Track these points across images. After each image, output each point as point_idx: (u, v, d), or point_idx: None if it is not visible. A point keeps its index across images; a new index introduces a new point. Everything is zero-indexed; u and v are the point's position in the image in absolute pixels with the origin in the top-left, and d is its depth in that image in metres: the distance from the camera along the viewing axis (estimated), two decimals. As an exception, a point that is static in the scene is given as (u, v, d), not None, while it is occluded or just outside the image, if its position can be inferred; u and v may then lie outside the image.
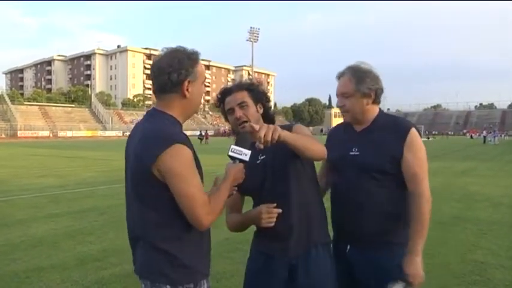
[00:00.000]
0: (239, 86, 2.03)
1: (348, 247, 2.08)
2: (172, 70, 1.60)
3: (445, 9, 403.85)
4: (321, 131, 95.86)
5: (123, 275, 4.12)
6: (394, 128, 1.99)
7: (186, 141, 1.56)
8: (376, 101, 2.05)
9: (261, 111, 2.04)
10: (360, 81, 1.98)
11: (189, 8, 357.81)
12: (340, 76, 2.06)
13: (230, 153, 1.73)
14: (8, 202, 8.27)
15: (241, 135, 1.81)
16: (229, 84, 2.12)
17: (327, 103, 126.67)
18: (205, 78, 2.01)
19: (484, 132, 50.78)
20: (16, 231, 5.83)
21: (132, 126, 2.16)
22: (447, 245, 5.25)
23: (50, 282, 3.95)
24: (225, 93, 2.04)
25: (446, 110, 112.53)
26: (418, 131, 2.02)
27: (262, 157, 1.98)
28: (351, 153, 2.04)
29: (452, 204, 8.06)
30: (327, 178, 2.27)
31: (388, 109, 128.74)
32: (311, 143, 1.81)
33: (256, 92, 2.03)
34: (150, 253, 1.62)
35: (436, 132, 72.43)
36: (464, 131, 69.96)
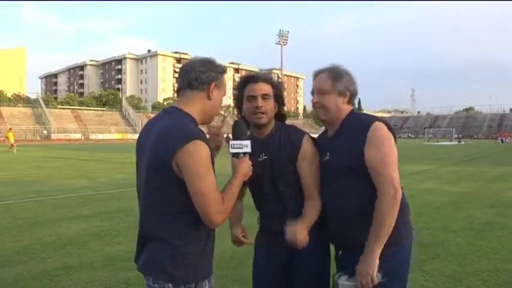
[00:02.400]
0: (266, 79, 2.09)
1: (340, 252, 2.09)
2: (205, 69, 1.70)
3: (477, 7, 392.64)
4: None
5: (149, 276, 4.16)
6: (358, 126, 1.96)
7: (204, 138, 1.60)
8: (350, 102, 2.06)
9: (276, 110, 2.12)
10: (337, 80, 2.00)
11: (218, 12, 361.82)
12: (317, 74, 2.07)
13: (232, 150, 1.77)
14: (40, 202, 8.52)
15: (237, 125, 1.85)
16: (254, 69, 2.18)
17: (357, 106, 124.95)
18: (225, 93, 2.13)
19: None
20: (47, 231, 5.99)
21: None
22: (480, 253, 5.04)
23: (78, 281, 4.03)
24: (250, 80, 2.09)
25: (479, 112, 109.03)
26: (388, 124, 1.94)
27: (264, 156, 2.06)
28: (324, 158, 2.03)
29: (485, 210, 7.77)
30: None
31: (419, 112, 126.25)
32: (317, 211, 2.04)
33: (279, 91, 2.12)
34: (156, 249, 1.65)
35: (461, 136, 70.20)
36: (497, 135, 67.43)
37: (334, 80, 2.00)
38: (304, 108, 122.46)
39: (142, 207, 1.73)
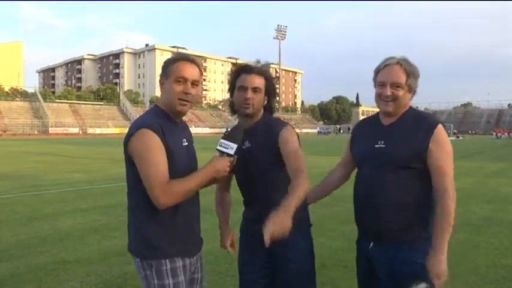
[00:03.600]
0: (260, 71, 2.12)
1: (371, 244, 2.04)
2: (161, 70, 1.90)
3: (475, 3, 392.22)
4: (348, 129, 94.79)
5: (147, 270, 4.15)
6: (421, 122, 1.96)
7: (154, 127, 1.73)
8: (411, 98, 2.05)
9: (265, 102, 2.16)
10: (411, 76, 1.97)
11: (216, 6, 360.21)
12: (390, 64, 1.98)
13: (218, 148, 1.86)
14: (38, 196, 8.50)
15: (236, 128, 1.94)
16: (251, 63, 2.19)
17: (355, 101, 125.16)
18: (181, 77, 2.03)
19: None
20: (45, 225, 5.98)
21: None
22: (478, 249, 5.05)
23: (74, 275, 4.02)
24: (244, 70, 2.13)
25: (477, 108, 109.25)
26: (445, 129, 2.00)
27: (248, 144, 2.10)
28: (376, 145, 2.01)
29: (482, 206, 7.79)
30: (342, 173, 2.34)
31: (417, 107, 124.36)
32: (303, 193, 1.81)
33: (271, 84, 2.16)
34: (130, 228, 1.89)
35: (457, 131, 70.51)
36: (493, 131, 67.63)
37: (408, 75, 1.96)
38: (302, 103, 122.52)
39: None
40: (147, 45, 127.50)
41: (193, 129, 64.97)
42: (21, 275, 4.02)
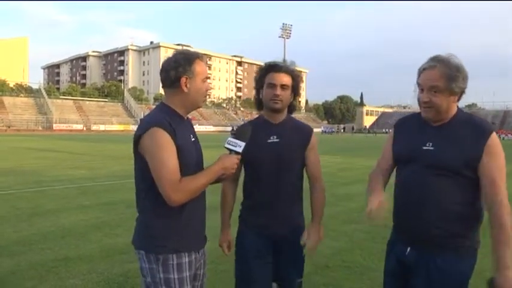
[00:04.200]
0: (289, 70, 2.27)
1: (408, 249, 1.97)
2: (170, 68, 1.85)
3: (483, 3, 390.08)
4: (352, 128, 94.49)
5: (148, 268, 4.12)
6: (475, 128, 1.87)
7: (164, 125, 1.77)
8: (459, 99, 1.93)
9: (291, 99, 2.32)
10: (452, 79, 1.83)
11: (221, 4, 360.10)
12: (429, 67, 1.87)
13: (226, 145, 1.90)
14: (40, 192, 8.49)
15: (243, 128, 2.02)
16: (279, 61, 2.32)
17: (359, 101, 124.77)
18: (207, 76, 2.09)
19: None
20: (46, 221, 5.97)
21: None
22: (482, 250, 4.95)
23: (76, 273, 4.00)
24: (273, 68, 2.26)
25: (481, 109, 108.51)
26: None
27: (275, 139, 2.26)
28: (424, 147, 1.92)
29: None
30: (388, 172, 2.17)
31: (471, 113, 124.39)
32: (323, 199, 2.37)
33: (297, 83, 2.32)
34: (137, 223, 1.93)
35: None
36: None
37: (448, 79, 1.83)
38: (307, 102, 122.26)
39: None
40: (151, 42, 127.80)
41: (197, 127, 64.83)
42: (22, 271, 4.00)
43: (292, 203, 2.31)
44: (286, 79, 2.24)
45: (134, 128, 65.99)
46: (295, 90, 2.32)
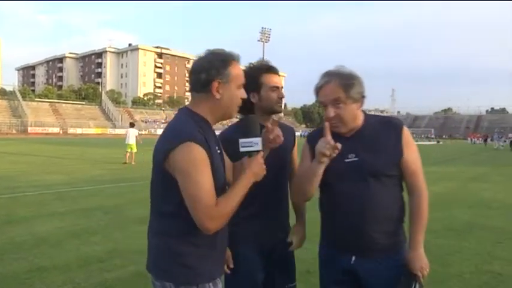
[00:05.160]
0: (278, 73, 2.27)
1: (353, 258, 1.95)
2: (202, 70, 1.63)
3: (456, 10, 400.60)
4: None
5: (127, 277, 4.03)
6: (388, 127, 1.94)
7: (200, 140, 1.54)
8: (362, 104, 1.95)
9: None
10: (350, 87, 1.85)
11: (200, 7, 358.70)
12: (325, 83, 1.88)
13: (242, 150, 1.68)
14: (13, 199, 8.22)
15: (247, 121, 1.77)
16: (266, 63, 2.31)
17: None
18: (243, 82, 1.73)
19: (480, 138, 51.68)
20: (20, 229, 5.76)
21: (142, 124, 2.20)
22: (461, 254, 5.07)
23: (51, 284, 3.85)
24: (272, 70, 2.23)
25: (457, 113, 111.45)
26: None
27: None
28: (347, 160, 1.89)
29: (464, 211, 7.87)
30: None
31: (398, 112, 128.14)
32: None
33: None
34: (158, 248, 1.66)
35: (433, 136, 72.11)
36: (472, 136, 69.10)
37: (346, 88, 1.84)
38: (285, 105, 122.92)
39: (151, 206, 1.73)
40: (130, 44, 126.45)
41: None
42: (-7, 283, 3.84)
43: (287, 207, 2.34)
44: (280, 80, 2.26)
45: (112, 131, 65.55)
46: None
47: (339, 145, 1.75)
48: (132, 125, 17.90)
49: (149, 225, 1.73)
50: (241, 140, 1.68)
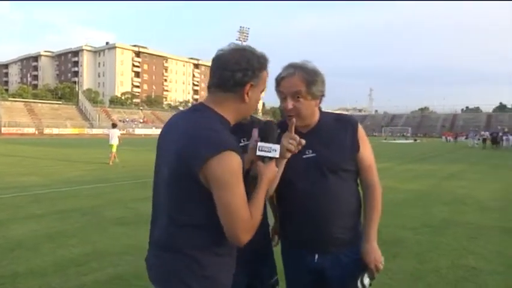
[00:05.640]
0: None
1: (316, 256, 1.97)
2: (239, 69, 1.50)
3: (433, 13, 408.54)
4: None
5: (106, 280, 3.96)
6: (344, 124, 1.98)
7: (237, 148, 1.44)
8: (321, 102, 1.97)
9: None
10: (312, 83, 1.86)
11: (178, 6, 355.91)
12: (288, 75, 1.87)
13: (259, 153, 1.62)
14: (-13, 201, 7.98)
15: (268, 126, 1.70)
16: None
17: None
18: (265, 87, 1.64)
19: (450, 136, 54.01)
20: (-6, 233, 5.60)
21: (120, 124, 2.04)
22: (438, 250, 5.17)
23: (27, 289, 3.75)
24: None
25: (433, 112, 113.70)
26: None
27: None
28: (305, 156, 1.91)
29: (440, 208, 8.03)
30: None
31: (376, 111, 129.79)
32: None
33: None
34: (173, 259, 1.53)
35: (408, 135, 73.51)
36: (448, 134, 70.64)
37: (308, 84, 1.85)
38: (263, 104, 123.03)
39: (158, 212, 1.60)
40: (107, 43, 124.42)
41: (154, 130, 63.92)
42: (-35, 289, 3.72)
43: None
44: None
45: (89, 131, 64.39)
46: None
47: (303, 141, 1.75)
48: (114, 125, 17.85)
49: (157, 239, 1.59)
50: (260, 144, 1.63)
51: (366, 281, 1.91)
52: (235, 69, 1.50)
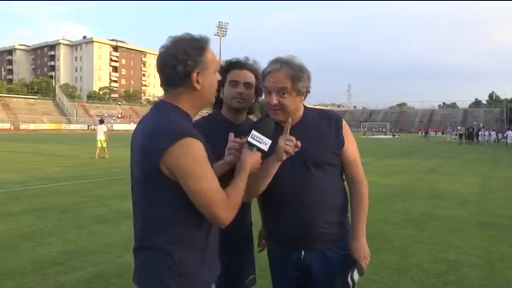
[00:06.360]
0: (252, 68, 2.18)
1: (303, 252, 1.94)
2: (178, 62, 1.48)
3: (408, 11, 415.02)
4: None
5: (86, 279, 3.87)
6: (326, 119, 1.98)
7: (197, 135, 1.44)
8: (304, 98, 1.97)
9: (253, 99, 2.23)
10: (298, 79, 1.85)
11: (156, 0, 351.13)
12: (274, 70, 1.85)
13: (249, 139, 1.66)
14: (-39, 199, 7.72)
15: (267, 121, 1.78)
16: (240, 58, 2.22)
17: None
18: (219, 65, 1.69)
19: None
20: (-31, 232, 5.40)
21: (98, 119, 2.03)
22: (420, 244, 5.25)
23: (4, 290, 3.64)
24: (236, 65, 2.18)
25: (411, 108, 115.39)
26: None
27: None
28: None
29: (421, 202, 8.16)
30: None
31: (355, 106, 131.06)
32: None
33: (260, 83, 2.13)
34: (150, 258, 1.52)
35: (384, 130, 74.75)
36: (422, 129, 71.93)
37: (294, 80, 1.83)
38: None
39: (135, 213, 1.59)
40: (84, 37, 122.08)
41: (132, 126, 63.11)
42: None
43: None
44: (249, 77, 2.15)
45: (67, 126, 63.24)
46: (258, 91, 2.20)
47: (299, 143, 1.73)
48: (101, 121, 18.49)
49: (136, 239, 1.57)
50: (253, 131, 1.66)
51: (356, 276, 1.91)
52: (174, 64, 1.49)
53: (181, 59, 1.48)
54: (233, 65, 2.18)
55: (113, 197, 8.07)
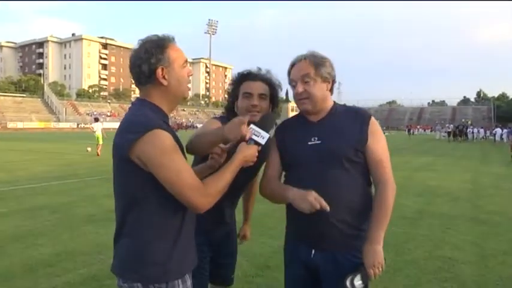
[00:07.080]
0: (265, 78, 2.16)
1: (313, 251, 1.90)
2: (142, 61, 1.58)
3: (398, 10, 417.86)
4: (276, 124, 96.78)
5: (79, 281, 3.79)
6: (354, 116, 1.94)
7: (164, 126, 1.52)
8: (332, 90, 1.97)
9: (270, 110, 2.17)
10: (320, 64, 1.88)
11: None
12: (297, 61, 1.92)
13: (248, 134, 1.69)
14: None
15: (269, 116, 1.80)
16: (253, 70, 2.20)
17: (284, 97, 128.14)
18: (186, 60, 1.64)
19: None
20: (-45, 234, 5.27)
21: (87, 118, 2.04)
22: (415, 241, 5.26)
23: (-7, 293, 3.55)
24: (248, 77, 2.15)
25: (401, 106, 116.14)
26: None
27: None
28: (310, 142, 1.89)
29: (414, 199, 8.19)
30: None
31: (345, 104, 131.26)
32: None
33: (276, 93, 2.19)
34: (124, 247, 1.60)
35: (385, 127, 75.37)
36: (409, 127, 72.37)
37: (316, 66, 1.86)
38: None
39: (115, 205, 1.66)
40: (73, 34, 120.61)
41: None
42: None
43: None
44: (263, 88, 2.13)
45: (56, 125, 62.57)
46: (274, 100, 2.18)
47: (327, 208, 1.69)
48: (96, 120, 19.39)
49: (117, 226, 1.63)
50: (252, 126, 1.70)
51: (358, 283, 1.75)
52: (139, 63, 1.59)
53: (144, 58, 1.57)
54: (245, 77, 2.17)
55: (103, 196, 7.95)
